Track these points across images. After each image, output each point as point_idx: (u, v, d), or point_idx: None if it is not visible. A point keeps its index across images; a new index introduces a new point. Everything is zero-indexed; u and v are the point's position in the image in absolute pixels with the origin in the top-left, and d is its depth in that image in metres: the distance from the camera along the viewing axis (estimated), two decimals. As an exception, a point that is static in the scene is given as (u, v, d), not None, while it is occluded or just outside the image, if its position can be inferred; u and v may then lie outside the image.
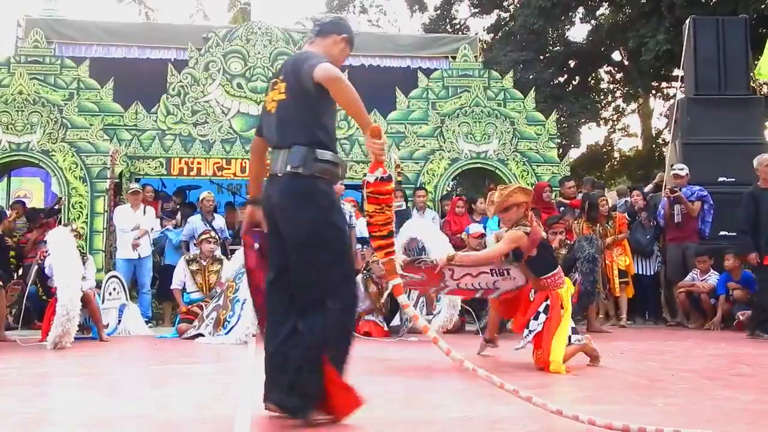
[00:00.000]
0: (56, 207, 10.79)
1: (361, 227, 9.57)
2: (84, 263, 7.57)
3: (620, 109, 23.57)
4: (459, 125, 11.43)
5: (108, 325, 8.00)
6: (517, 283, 5.32)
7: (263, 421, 3.28)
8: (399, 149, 11.20)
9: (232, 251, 9.14)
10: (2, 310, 7.84)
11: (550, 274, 5.15)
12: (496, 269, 5.27)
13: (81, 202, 10.37)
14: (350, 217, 9.02)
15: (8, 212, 9.72)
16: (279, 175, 3.24)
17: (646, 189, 10.59)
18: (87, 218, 10.32)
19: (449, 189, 12.12)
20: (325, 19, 3.64)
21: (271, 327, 3.30)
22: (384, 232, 3.33)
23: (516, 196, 5.17)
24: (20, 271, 9.33)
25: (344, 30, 3.56)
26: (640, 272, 9.50)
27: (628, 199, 10.52)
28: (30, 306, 8.22)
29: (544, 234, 5.34)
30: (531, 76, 17.63)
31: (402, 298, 3.48)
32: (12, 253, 9.18)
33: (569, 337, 4.98)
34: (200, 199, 9.94)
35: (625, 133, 24.55)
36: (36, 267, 8.12)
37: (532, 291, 5.23)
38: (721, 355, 6.19)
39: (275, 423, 3.25)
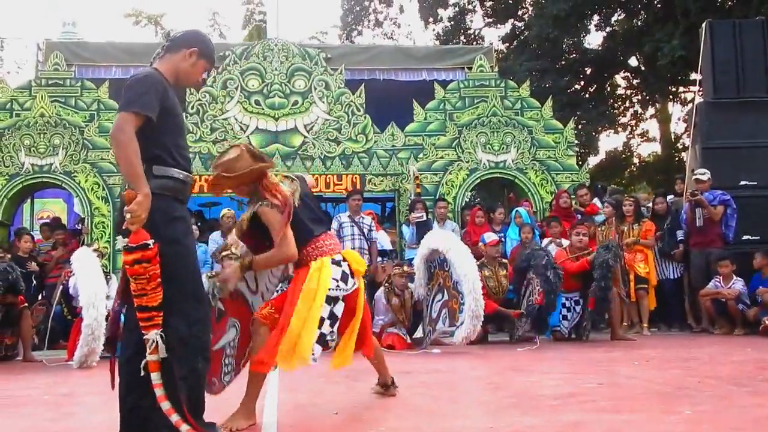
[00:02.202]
0: (78, 227, 10.90)
1: (381, 240, 9.61)
2: (108, 282, 7.62)
3: (638, 115, 23.44)
4: (477, 135, 11.45)
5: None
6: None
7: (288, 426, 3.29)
8: (417, 161, 11.23)
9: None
10: (28, 331, 7.93)
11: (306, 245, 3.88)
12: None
13: (103, 222, 10.48)
14: (369, 230, 9.05)
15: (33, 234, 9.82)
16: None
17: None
18: (110, 237, 10.42)
19: (468, 200, 12.12)
20: (177, 33, 3.48)
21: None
22: (135, 304, 2.99)
23: (224, 184, 3.95)
24: (43, 291, 9.40)
25: (195, 43, 3.40)
26: (664, 277, 9.43)
27: (650, 205, 10.45)
28: (55, 326, 8.30)
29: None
30: (547, 85, 17.61)
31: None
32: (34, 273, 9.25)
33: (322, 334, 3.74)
34: (220, 216, 10.00)
35: (644, 138, 24.41)
36: (61, 287, 8.20)
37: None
38: (747, 361, 6.12)
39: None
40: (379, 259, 9.25)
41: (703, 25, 10.77)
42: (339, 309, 3.80)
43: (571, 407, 3.89)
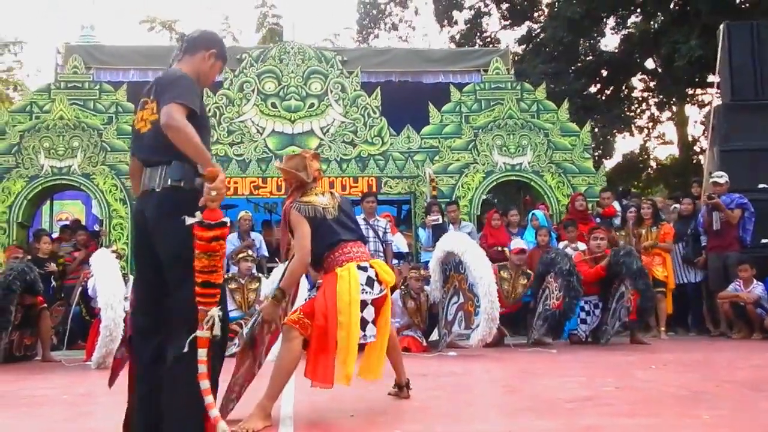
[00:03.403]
0: (97, 229, 10.99)
1: (397, 242, 9.61)
2: (126, 284, 7.67)
3: (655, 117, 23.32)
4: (493, 138, 11.44)
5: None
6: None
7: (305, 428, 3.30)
8: (433, 163, 11.23)
9: (270, 269, 9.22)
10: (47, 331, 8.02)
11: (333, 250, 4.01)
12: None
13: (121, 224, 10.56)
14: (385, 232, 9.06)
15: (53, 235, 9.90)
16: (156, 191, 3.15)
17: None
18: (128, 239, 10.49)
19: (488, 200, 12.12)
20: (193, 34, 3.48)
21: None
22: (199, 279, 2.97)
23: (295, 161, 4.20)
24: (62, 292, 9.47)
25: (213, 44, 3.43)
26: (684, 281, 9.39)
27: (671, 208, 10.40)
28: (74, 326, 8.38)
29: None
30: (563, 87, 17.56)
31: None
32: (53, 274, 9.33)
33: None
34: (238, 218, 10.05)
35: (661, 141, 24.28)
36: (79, 288, 8.27)
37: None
38: (765, 366, 6.08)
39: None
40: (395, 261, 9.25)
41: (721, 27, 10.71)
42: (369, 313, 3.87)
43: (587, 411, 3.89)
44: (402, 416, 3.94)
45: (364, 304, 3.84)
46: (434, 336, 8.14)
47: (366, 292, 3.86)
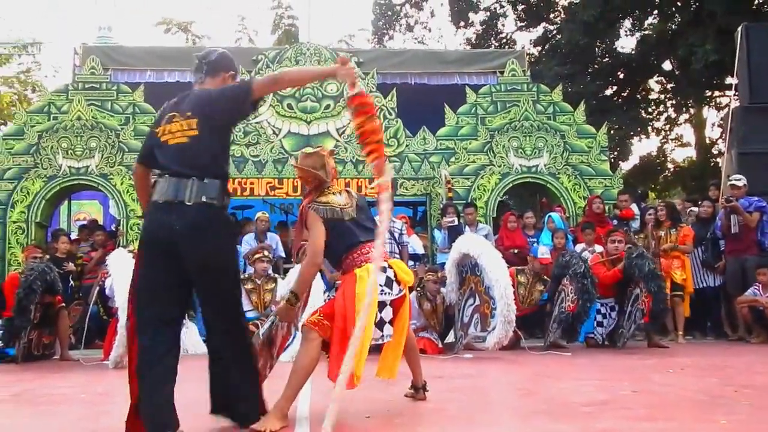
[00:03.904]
0: (115, 229, 11.06)
1: (413, 244, 9.61)
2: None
3: (672, 119, 23.17)
4: (509, 140, 11.42)
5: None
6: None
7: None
8: (449, 165, 11.23)
9: (286, 270, 9.24)
10: (65, 330, 8.09)
11: (351, 251, 4.02)
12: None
13: (138, 224, 10.61)
14: (400, 234, 9.05)
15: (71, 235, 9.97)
16: (189, 204, 3.31)
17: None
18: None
19: (504, 202, 12.09)
20: (210, 56, 3.69)
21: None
22: (375, 138, 3.59)
23: (297, 172, 4.24)
24: (80, 292, 9.53)
25: (232, 67, 3.74)
26: (703, 285, 9.33)
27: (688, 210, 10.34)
28: (92, 326, 8.43)
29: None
30: (579, 89, 17.47)
31: None
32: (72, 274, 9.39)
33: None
34: (255, 219, 10.08)
35: (679, 143, 24.13)
36: (97, 288, 8.32)
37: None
38: (785, 370, 6.04)
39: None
40: (411, 263, 9.25)
41: (739, 28, 10.65)
42: (387, 314, 3.87)
43: (604, 414, 3.87)
44: (418, 418, 3.94)
45: (382, 305, 3.84)
46: (450, 338, 8.13)
47: (385, 293, 3.86)
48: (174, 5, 50.58)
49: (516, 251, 9.35)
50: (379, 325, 3.82)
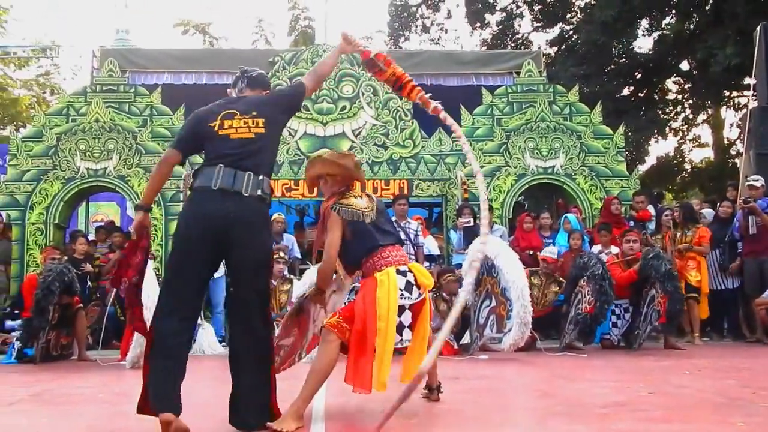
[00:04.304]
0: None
1: (428, 245, 9.60)
2: (160, 285, 7.75)
3: (689, 120, 23.01)
4: (525, 141, 11.38)
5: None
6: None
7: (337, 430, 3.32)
8: (465, 166, 11.21)
9: (302, 271, 9.26)
10: (83, 331, 8.15)
11: (371, 254, 4.00)
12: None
13: (156, 225, 10.66)
14: (416, 235, 9.05)
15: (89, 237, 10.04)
16: (246, 195, 3.56)
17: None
18: (162, 241, 10.61)
19: (520, 203, 12.06)
20: (251, 72, 4.01)
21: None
22: (407, 79, 4.36)
23: (316, 167, 4.22)
24: (98, 293, 9.59)
25: (268, 86, 4.07)
26: (721, 286, 9.25)
27: (702, 212, 10.25)
28: (109, 326, 8.48)
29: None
30: (596, 89, 17.40)
31: None
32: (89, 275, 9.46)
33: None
34: (271, 220, 10.10)
35: (696, 144, 23.96)
36: (115, 289, 8.36)
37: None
38: (804, 372, 5.99)
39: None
40: (426, 264, 9.24)
41: (758, 28, 10.56)
42: (406, 318, 3.88)
43: (620, 416, 3.86)
44: (433, 419, 3.94)
45: (402, 309, 3.84)
46: (466, 339, 8.12)
47: (405, 297, 3.87)
48: (192, 7, 50.76)
49: (532, 252, 9.33)
50: (399, 329, 3.82)
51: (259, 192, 3.59)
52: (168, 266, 3.66)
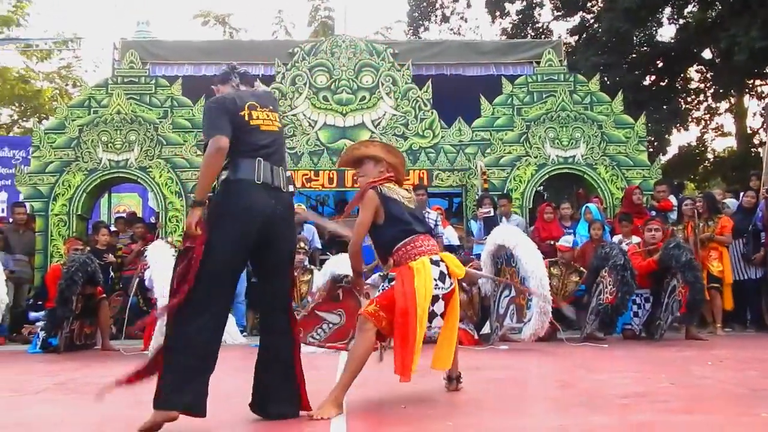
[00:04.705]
0: (154, 222, 11.21)
1: (448, 235, 9.60)
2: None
3: (712, 109, 22.76)
4: (545, 130, 11.32)
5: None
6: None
7: (357, 425, 3.34)
8: (485, 156, 11.17)
9: (322, 261, 9.30)
10: (106, 321, 8.23)
11: (405, 242, 4.02)
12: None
13: (177, 216, 10.74)
14: (435, 225, 9.05)
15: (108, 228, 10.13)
16: (283, 191, 3.66)
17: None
18: (183, 231, 10.64)
19: (540, 193, 12.01)
20: (239, 69, 3.96)
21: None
22: None
23: (371, 148, 4.29)
24: (120, 283, 9.68)
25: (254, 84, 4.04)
26: (744, 277, 9.16)
27: (725, 201, 10.16)
28: (132, 316, 8.57)
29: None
30: (616, 80, 17.25)
31: None
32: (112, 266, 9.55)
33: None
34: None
35: (719, 133, 23.70)
36: (137, 279, 8.45)
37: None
38: (827, 363, 5.94)
39: (370, 430, 3.31)
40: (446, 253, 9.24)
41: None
42: (439, 307, 3.94)
43: (641, 407, 3.84)
44: (453, 409, 3.95)
45: (435, 299, 3.90)
46: (486, 329, 8.12)
47: (438, 287, 3.93)
48: (211, -1, 50.84)
49: (552, 242, 9.29)
50: (430, 317, 3.88)
51: (290, 187, 3.72)
52: (206, 260, 3.39)
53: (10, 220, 11.17)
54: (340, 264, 7.62)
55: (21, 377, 5.91)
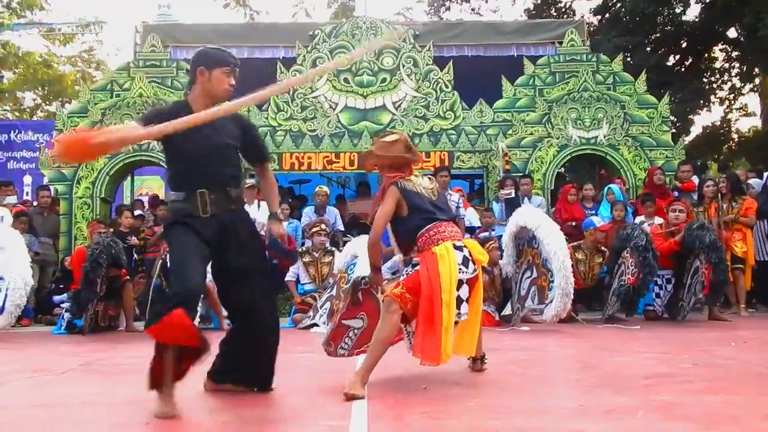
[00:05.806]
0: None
1: (470, 217, 9.59)
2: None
3: (737, 89, 22.45)
4: (567, 111, 11.24)
5: (227, 315, 8.31)
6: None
7: (377, 406, 3.36)
8: (506, 137, 11.12)
9: (344, 243, 9.33)
10: (130, 303, 8.33)
11: (427, 228, 4.05)
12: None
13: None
14: (457, 207, 9.04)
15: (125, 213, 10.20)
16: None
17: None
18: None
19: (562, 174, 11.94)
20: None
21: None
22: None
23: (369, 160, 4.34)
24: (143, 265, 9.75)
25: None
26: (767, 258, 9.07)
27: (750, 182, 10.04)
28: (155, 298, 8.64)
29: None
30: (640, 60, 17.03)
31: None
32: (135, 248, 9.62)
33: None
34: (315, 192, 10.18)
35: (743, 112, 23.40)
36: (160, 261, 8.51)
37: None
38: None
39: (391, 410, 3.33)
40: (467, 236, 9.21)
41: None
42: (464, 292, 3.95)
43: (665, 387, 3.83)
44: (475, 390, 3.96)
45: (460, 283, 3.91)
46: (507, 310, 8.11)
47: (462, 272, 3.94)
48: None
49: (574, 224, 9.25)
50: (457, 303, 3.89)
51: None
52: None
53: (35, 203, 11.28)
54: (360, 246, 7.65)
55: (47, 358, 5.99)
